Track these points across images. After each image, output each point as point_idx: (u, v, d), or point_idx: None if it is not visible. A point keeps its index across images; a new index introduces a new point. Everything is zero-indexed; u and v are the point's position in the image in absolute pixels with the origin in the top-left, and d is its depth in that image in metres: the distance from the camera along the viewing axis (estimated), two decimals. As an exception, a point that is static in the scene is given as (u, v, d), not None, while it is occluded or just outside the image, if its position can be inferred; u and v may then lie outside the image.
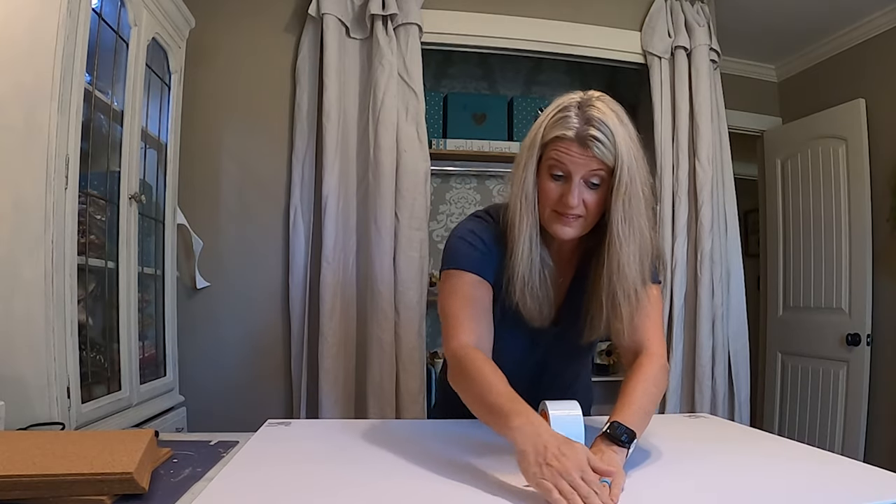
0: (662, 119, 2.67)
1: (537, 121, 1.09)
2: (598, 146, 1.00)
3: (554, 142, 1.04)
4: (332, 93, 2.33)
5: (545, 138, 1.05)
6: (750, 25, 3.08)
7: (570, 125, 1.02)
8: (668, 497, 0.88)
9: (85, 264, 1.51)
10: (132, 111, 1.73)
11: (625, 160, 1.01)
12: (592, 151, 1.01)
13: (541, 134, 1.06)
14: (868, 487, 0.91)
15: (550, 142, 1.04)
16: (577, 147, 1.01)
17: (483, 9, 2.59)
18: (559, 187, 1.05)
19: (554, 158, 1.04)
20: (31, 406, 1.29)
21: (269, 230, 2.43)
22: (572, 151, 1.02)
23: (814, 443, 3.00)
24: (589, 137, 1.00)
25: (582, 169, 1.02)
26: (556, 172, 1.05)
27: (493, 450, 1.03)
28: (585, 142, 1.01)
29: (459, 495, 0.85)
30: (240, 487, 0.86)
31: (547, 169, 1.06)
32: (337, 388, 2.28)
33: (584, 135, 1.00)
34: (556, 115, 1.05)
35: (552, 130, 1.04)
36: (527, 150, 1.09)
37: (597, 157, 1.01)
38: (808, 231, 3.27)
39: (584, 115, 1.02)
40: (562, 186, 1.05)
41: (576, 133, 1.01)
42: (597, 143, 1.00)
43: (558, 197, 1.05)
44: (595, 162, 1.02)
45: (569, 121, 1.02)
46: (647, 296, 1.12)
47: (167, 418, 1.94)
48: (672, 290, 2.61)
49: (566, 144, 1.02)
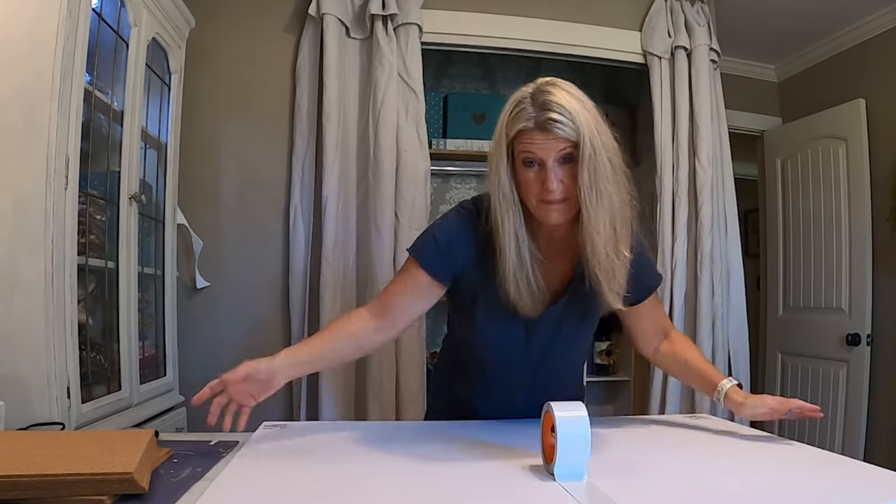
0: (662, 119, 2.67)
1: (498, 120, 1.14)
2: (558, 127, 1.05)
3: (518, 136, 1.09)
4: (332, 93, 2.33)
5: (509, 135, 1.10)
6: (750, 25, 3.08)
7: (528, 116, 1.07)
8: (670, 498, 0.87)
9: (85, 264, 1.51)
10: (132, 111, 1.73)
11: (585, 132, 1.05)
12: (555, 133, 1.05)
13: (504, 132, 1.11)
14: (872, 488, 0.91)
15: (515, 136, 1.09)
16: (539, 134, 1.06)
17: (483, 9, 2.59)
18: (537, 175, 1.09)
19: (523, 150, 1.09)
20: (31, 406, 1.29)
21: (269, 230, 2.43)
22: (536, 139, 1.07)
23: (814, 443, 2.99)
24: (548, 121, 1.05)
25: (551, 152, 1.07)
26: (529, 162, 1.09)
27: (488, 450, 1.03)
28: (546, 126, 1.05)
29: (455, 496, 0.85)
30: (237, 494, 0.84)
31: (521, 161, 1.10)
32: (337, 388, 2.28)
33: (544, 120, 1.05)
34: (513, 111, 1.10)
35: (513, 126, 1.09)
36: (495, 151, 1.14)
37: (560, 137, 1.05)
38: (808, 231, 3.27)
39: (538, 103, 1.07)
40: (539, 174, 1.09)
41: (535, 122, 1.06)
42: (557, 125, 1.05)
43: (539, 185, 1.09)
44: (561, 142, 1.06)
45: (526, 112, 1.07)
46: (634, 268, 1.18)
47: (167, 418, 1.94)
48: (672, 290, 2.61)
49: (529, 135, 1.07)
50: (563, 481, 0.87)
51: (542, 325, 1.23)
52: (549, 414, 0.93)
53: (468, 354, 1.31)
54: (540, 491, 0.85)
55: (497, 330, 1.24)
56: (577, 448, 0.87)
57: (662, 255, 2.64)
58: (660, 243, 2.65)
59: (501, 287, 1.15)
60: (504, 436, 1.16)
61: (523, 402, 1.30)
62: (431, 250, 1.22)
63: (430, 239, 1.24)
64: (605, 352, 3.26)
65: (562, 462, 0.87)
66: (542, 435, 0.94)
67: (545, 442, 0.93)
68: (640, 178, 3.30)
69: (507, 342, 1.25)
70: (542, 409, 0.94)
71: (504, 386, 1.31)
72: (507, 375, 1.29)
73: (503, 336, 1.24)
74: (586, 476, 0.88)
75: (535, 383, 1.30)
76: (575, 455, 0.87)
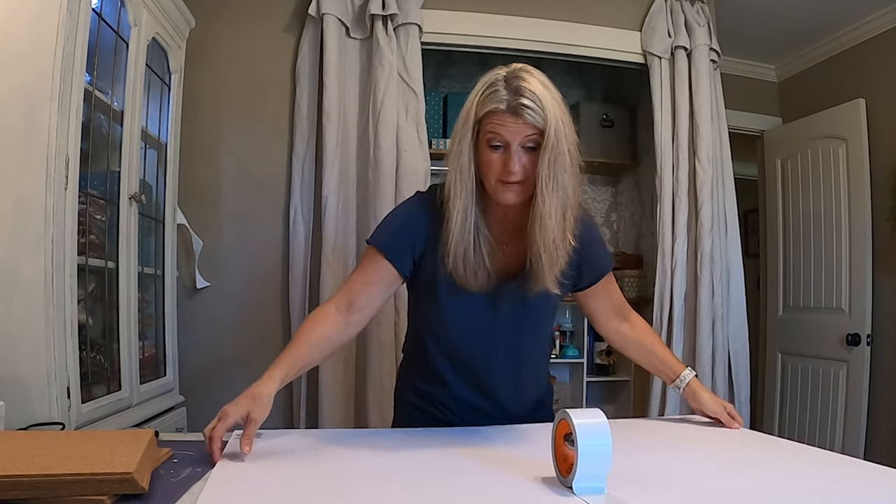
0: (662, 119, 2.67)
1: (468, 99, 1.16)
2: (529, 113, 1.09)
3: (488, 116, 1.12)
4: (332, 93, 2.33)
5: (478, 114, 1.13)
6: (750, 25, 3.08)
7: (500, 98, 1.10)
8: (672, 499, 0.86)
9: (85, 264, 1.51)
10: (132, 111, 1.73)
11: (552, 123, 1.10)
12: (525, 118, 1.09)
13: (473, 111, 1.14)
14: (875, 488, 0.91)
15: (485, 116, 1.13)
16: (510, 117, 1.10)
17: (483, 9, 2.59)
18: (500, 157, 1.13)
19: (490, 131, 1.12)
20: (31, 406, 1.29)
21: (269, 230, 2.43)
22: (506, 122, 1.10)
23: (814, 443, 3.00)
24: (520, 106, 1.09)
25: (518, 136, 1.11)
26: (495, 143, 1.13)
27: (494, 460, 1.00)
28: (517, 111, 1.09)
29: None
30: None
31: (486, 142, 1.14)
32: (336, 388, 2.28)
33: (516, 104, 1.09)
34: (486, 91, 1.13)
35: (485, 106, 1.12)
36: (461, 128, 1.17)
37: (529, 122, 1.09)
38: (808, 231, 3.27)
39: (511, 88, 1.11)
40: (502, 155, 1.13)
41: (507, 105, 1.10)
42: (528, 111, 1.09)
43: (501, 166, 1.13)
44: (529, 128, 1.10)
45: (499, 94, 1.11)
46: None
47: (167, 418, 1.94)
48: (672, 290, 2.61)
49: (499, 116, 1.11)
50: (584, 496, 0.81)
51: (505, 301, 1.26)
52: (564, 422, 0.86)
53: (436, 343, 1.31)
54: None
55: (461, 307, 1.26)
56: (598, 459, 0.81)
57: (662, 255, 2.64)
58: (660, 243, 2.65)
59: (444, 257, 1.20)
60: (507, 444, 1.14)
61: (496, 386, 1.32)
62: (390, 235, 1.26)
63: (388, 225, 1.29)
64: (605, 352, 3.27)
65: (582, 475, 0.81)
66: (555, 444, 0.88)
67: (558, 452, 0.87)
68: (640, 178, 3.32)
69: (471, 319, 1.27)
70: (558, 417, 0.88)
71: (475, 368, 1.31)
72: (476, 356, 1.30)
73: (468, 313, 1.26)
74: (606, 489, 0.82)
75: (507, 365, 1.31)
76: (596, 467, 0.81)
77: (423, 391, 1.38)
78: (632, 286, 3.16)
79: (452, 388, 1.33)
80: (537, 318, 1.34)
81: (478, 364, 1.30)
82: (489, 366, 1.30)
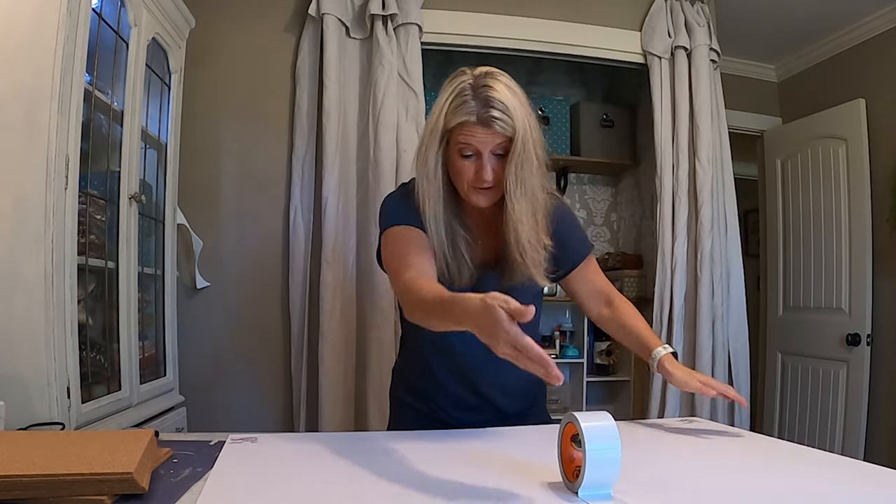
0: (662, 119, 2.67)
1: (436, 107, 1.19)
2: (499, 124, 1.12)
3: (458, 127, 1.15)
4: (332, 93, 2.33)
5: (448, 125, 1.16)
6: (750, 25, 3.08)
7: (470, 110, 1.13)
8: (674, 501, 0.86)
9: (85, 264, 1.51)
10: (132, 111, 1.73)
11: (520, 129, 1.13)
12: (495, 129, 1.13)
13: (442, 121, 1.17)
14: (875, 488, 0.91)
15: (455, 128, 1.15)
16: (480, 128, 1.13)
17: (483, 9, 2.59)
18: (472, 164, 1.17)
19: (462, 142, 1.16)
20: (31, 406, 1.29)
21: (269, 230, 2.43)
22: (477, 133, 1.14)
23: (814, 443, 3.00)
24: (490, 119, 1.12)
25: (488, 145, 1.15)
26: (467, 153, 1.17)
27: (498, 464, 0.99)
28: (488, 122, 1.13)
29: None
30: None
31: (457, 151, 1.17)
32: (337, 388, 2.28)
33: (486, 117, 1.12)
34: (454, 102, 1.15)
35: (454, 117, 1.15)
36: (429, 136, 1.20)
37: (499, 132, 1.13)
38: (808, 231, 3.27)
39: (480, 98, 1.13)
40: (474, 163, 1.17)
41: (477, 117, 1.13)
42: (497, 122, 1.12)
43: (473, 174, 1.17)
44: (499, 137, 1.14)
45: (468, 106, 1.13)
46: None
47: (167, 418, 1.94)
48: (672, 290, 2.61)
49: (470, 128, 1.14)
50: (590, 502, 0.79)
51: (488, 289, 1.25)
52: (570, 425, 0.83)
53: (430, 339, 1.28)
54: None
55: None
56: (606, 465, 0.79)
57: (662, 255, 2.64)
58: (660, 243, 2.65)
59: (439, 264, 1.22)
60: (510, 447, 1.13)
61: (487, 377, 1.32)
62: (402, 213, 1.26)
63: (393, 208, 1.30)
64: (605, 352, 3.27)
65: (590, 481, 0.79)
66: (561, 448, 0.86)
67: (564, 455, 0.86)
68: (640, 178, 3.32)
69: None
70: (565, 420, 0.86)
71: (468, 362, 1.30)
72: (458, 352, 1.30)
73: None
74: (613, 496, 0.80)
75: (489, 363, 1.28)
76: (604, 473, 0.79)
77: (416, 389, 1.38)
78: (632, 286, 3.16)
79: (445, 385, 1.33)
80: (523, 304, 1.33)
81: (466, 358, 1.30)
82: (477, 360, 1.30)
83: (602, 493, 0.80)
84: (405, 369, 1.45)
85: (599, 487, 0.80)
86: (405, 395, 1.41)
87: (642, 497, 0.83)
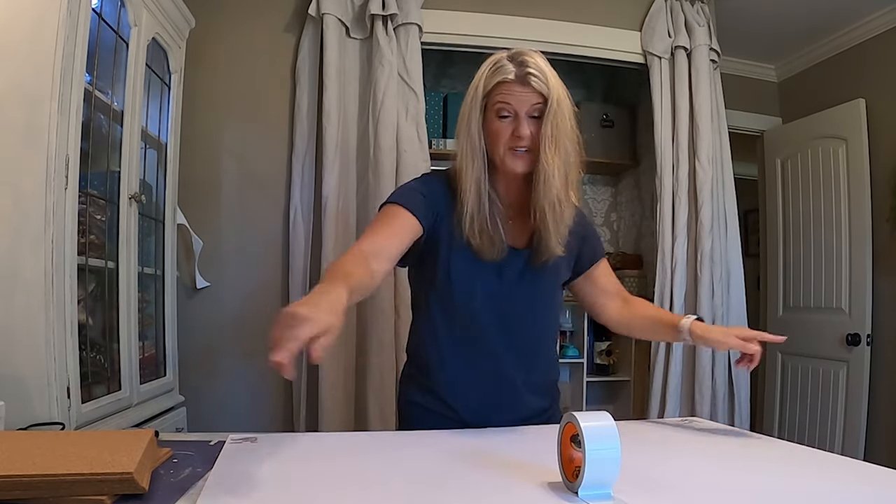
0: (662, 119, 2.67)
1: (475, 77, 1.25)
2: (535, 80, 1.19)
3: (497, 87, 1.21)
4: (332, 93, 2.33)
5: (487, 87, 1.23)
6: (750, 25, 3.08)
7: (509, 70, 1.21)
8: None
9: (85, 264, 1.51)
10: (132, 111, 1.73)
11: (554, 91, 1.20)
12: (532, 86, 1.19)
13: (482, 85, 1.23)
14: (875, 488, 0.91)
15: (493, 88, 1.22)
16: (518, 86, 1.20)
17: (483, 9, 2.59)
18: (509, 125, 1.22)
19: (500, 101, 1.21)
20: (31, 406, 1.29)
21: (269, 230, 2.43)
22: (515, 90, 1.20)
23: (814, 443, 3.00)
24: (527, 75, 1.20)
25: (526, 104, 1.21)
26: (504, 113, 1.22)
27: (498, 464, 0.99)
28: (525, 79, 1.20)
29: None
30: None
31: (495, 113, 1.23)
32: (337, 388, 2.28)
33: (523, 74, 1.20)
34: (493, 68, 1.23)
35: (493, 78, 1.22)
36: (469, 104, 1.25)
37: (536, 90, 1.19)
38: (808, 231, 3.27)
39: (517, 62, 1.21)
40: (511, 124, 1.22)
41: (515, 75, 1.20)
42: (534, 79, 1.19)
43: (510, 133, 1.22)
44: (536, 96, 1.20)
45: (506, 68, 1.21)
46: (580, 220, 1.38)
47: (167, 418, 1.94)
48: (672, 290, 2.61)
49: (508, 86, 1.21)
50: (590, 502, 0.79)
51: (513, 272, 1.31)
52: (570, 425, 0.83)
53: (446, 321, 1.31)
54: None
55: (471, 275, 1.29)
56: (606, 464, 0.79)
57: (662, 255, 2.64)
58: (660, 243, 2.65)
59: (462, 229, 1.26)
60: (511, 446, 1.13)
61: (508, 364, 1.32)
62: (408, 195, 1.29)
63: (410, 189, 1.33)
64: (605, 352, 3.27)
65: (590, 481, 0.79)
66: (561, 448, 0.86)
67: (564, 455, 0.86)
68: (640, 178, 3.32)
69: (480, 286, 1.29)
70: (562, 420, 0.86)
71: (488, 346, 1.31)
72: (483, 333, 1.30)
73: (476, 280, 1.29)
74: (613, 496, 0.80)
75: (519, 338, 1.32)
76: (603, 473, 0.79)
77: (429, 387, 1.34)
78: (632, 286, 3.16)
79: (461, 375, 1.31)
80: (544, 291, 1.36)
81: (490, 339, 1.30)
82: (502, 341, 1.30)
83: (602, 493, 0.80)
84: (416, 371, 1.40)
85: (599, 487, 0.80)
86: (417, 397, 1.37)
87: (642, 497, 0.83)
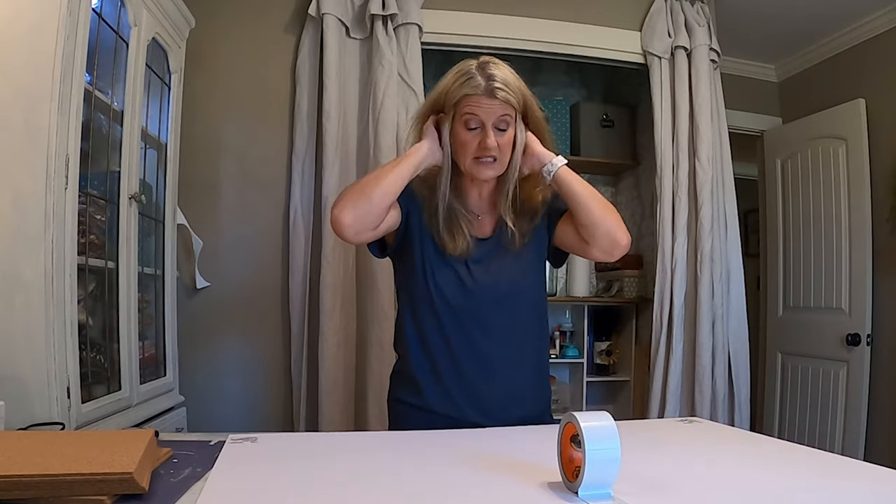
0: (662, 119, 2.67)
1: (441, 87, 1.32)
2: (502, 93, 1.24)
3: (465, 99, 1.26)
4: (332, 93, 2.33)
5: (454, 98, 1.27)
6: (750, 25, 3.08)
7: (476, 83, 1.25)
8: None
9: (85, 264, 1.51)
10: (132, 111, 1.73)
11: (519, 101, 1.27)
12: (499, 98, 1.24)
13: (449, 96, 1.29)
14: (875, 488, 0.91)
15: (461, 100, 1.27)
16: (486, 99, 1.25)
17: (483, 9, 2.59)
18: (476, 136, 1.27)
19: (468, 113, 1.26)
20: (31, 406, 1.29)
21: (269, 230, 2.43)
22: (482, 103, 1.25)
23: (814, 443, 3.00)
24: (495, 88, 1.24)
25: (492, 116, 1.26)
26: (472, 125, 1.27)
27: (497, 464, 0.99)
28: (493, 93, 1.24)
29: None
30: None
31: (463, 124, 1.28)
32: (337, 388, 2.28)
33: (491, 87, 1.24)
34: (461, 79, 1.27)
35: (461, 90, 1.26)
36: (429, 106, 1.35)
37: (502, 102, 1.25)
38: (808, 231, 3.27)
39: (485, 74, 1.26)
40: (478, 135, 1.27)
41: (483, 88, 1.24)
42: (501, 92, 1.24)
43: (477, 144, 1.27)
44: (502, 108, 1.25)
45: (475, 80, 1.26)
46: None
47: (167, 418, 1.94)
48: (672, 290, 2.61)
49: (476, 99, 1.25)
50: (590, 502, 0.79)
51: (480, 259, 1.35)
52: (570, 425, 0.83)
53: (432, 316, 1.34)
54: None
55: (441, 266, 1.34)
56: (606, 464, 0.79)
57: (662, 255, 2.64)
58: (660, 243, 2.65)
59: (432, 223, 1.34)
60: (510, 446, 1.13)
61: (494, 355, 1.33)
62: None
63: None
64: (605, 352, 3.27)
65: (590, 481, 0.79)
66: (561, 448, 0.86)
67: (564, 455, 0.85)
68: (639, 178, 3.32)
69: (452, 276, 1.34)
70: (562, 420, 0.86)
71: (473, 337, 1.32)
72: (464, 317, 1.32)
73: (447, 269, 1.34)
74: (613, 496, 0.80)
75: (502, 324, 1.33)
76: (603, 473, 0.79)
77: (417, 385, 1.35)
78: (632, 286, 3.16)
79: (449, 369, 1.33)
80: (518, 271, 1.37)
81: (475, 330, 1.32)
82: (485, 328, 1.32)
83: (602, 493, 0.80)
84: (403, 369, 1.41)
85: (599, 487, 0.80)
86: (405, 396, 1.39)
87: (642, 497, 0.83)
